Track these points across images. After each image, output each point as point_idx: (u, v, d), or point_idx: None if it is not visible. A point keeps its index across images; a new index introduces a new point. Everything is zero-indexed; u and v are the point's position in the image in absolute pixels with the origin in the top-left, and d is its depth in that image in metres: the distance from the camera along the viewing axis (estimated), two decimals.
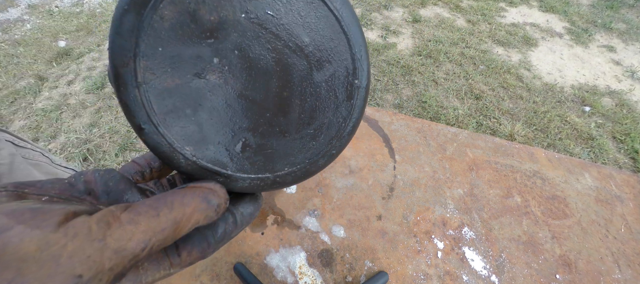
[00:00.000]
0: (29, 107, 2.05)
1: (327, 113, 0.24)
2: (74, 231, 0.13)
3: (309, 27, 0.22)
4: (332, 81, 0.24)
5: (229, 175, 0.22)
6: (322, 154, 0.25)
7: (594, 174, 0.56)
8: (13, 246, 0.12)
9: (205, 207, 0.17)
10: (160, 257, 0.18)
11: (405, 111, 1.95)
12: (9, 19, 3.01)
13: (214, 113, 0.21)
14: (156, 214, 0.15)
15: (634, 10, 3.07)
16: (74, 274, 0.13)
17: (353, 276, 0.43)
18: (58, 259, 0.13)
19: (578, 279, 0.44)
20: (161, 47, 0.20)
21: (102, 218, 0.14)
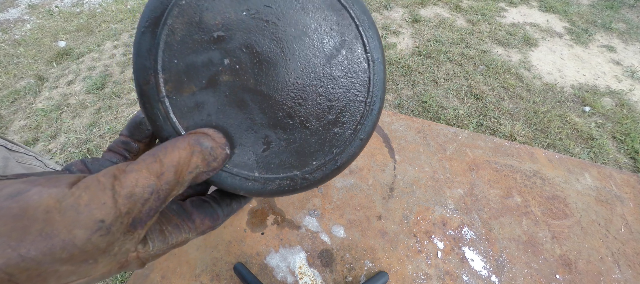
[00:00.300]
0: (29, 107, 2.05)
1: (345, 94, 0.24)
2: (85, 185, 0.15)
3: (307, 10, 0.23)
4: (343, 60, 0.23)
5: (256, 177, 0.22)
6: (349, 141, 0.24)
7: (594, 174, 0.56)
8: (35, 202, 0.13)
9: (199, 149, 0.18)
10: (180, 222, 0.19)
11: (405, 111, 1.95)
12: (9, 19, 3.01)
13: (232, 114, 0.22)
14: (154, 160, 0.16)
15: (634, 10, 3.07)
16: (95, 219, 0.14)
17: (353, 276, 0.43)
18: (77, 207, 0.14)
19: (578, 279, 0.44)
20: (176, 60, 0.21)
21: (107, 172, 0.15)
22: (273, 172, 0.23)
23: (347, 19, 0.24)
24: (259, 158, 0.22)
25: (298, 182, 0.23)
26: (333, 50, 0.23)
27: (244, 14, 0.22)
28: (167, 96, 0.21)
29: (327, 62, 0.23)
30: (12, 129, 1.92)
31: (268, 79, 0.22)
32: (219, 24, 0.21)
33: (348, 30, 0.24)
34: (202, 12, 0.21)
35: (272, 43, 0.22)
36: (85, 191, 0.14)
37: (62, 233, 0.13)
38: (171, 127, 0.21)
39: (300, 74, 0.23)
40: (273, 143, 0.23)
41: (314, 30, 0.23)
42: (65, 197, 0.14)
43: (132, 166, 0.16)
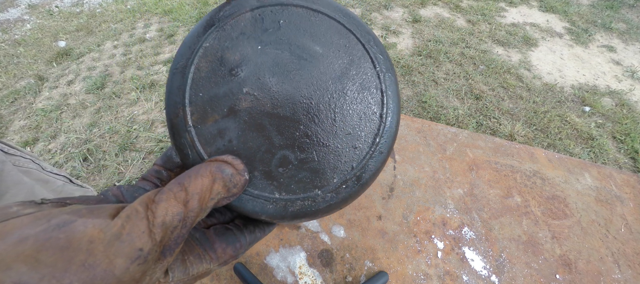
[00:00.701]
0: (29, 107, 2.05)
1: (360, 109, 0.25)
2: (126, 214, 0.16)
3: (316, 37, 0.25)
4: (353, 77, 0.25)
5: (277, 199, 0.23)
6: (369, 155, 0.24)
7: (594, 174, 0.56)
8: (80, 233, 0.14)
9: (221, 177, 0.19)
10: (201, 253, 0.20)
11: (405, 111, 1.95)
12: (9, 19, 3.01)
13: (252, 138, 0.23)
14: (180, 188, 0.17)
15: (634, 10, 3.07)
16: (135, 248, 0.15)
17: (353, 276, 0.43)
18: (120, 237, 0.15)
19: (578, 279, 0.44)
20: (201, 93, 0.23)
21: (141, 201, 0.16)
22: (294, 193, 0.23)
23: (353, 40, 0.26)
24: (279, 179, 0.23)
25: (319, 201, 0.23)
26: (343, 68, 0.25)
27: (259, 48, 0.25)
28: (193, 126, 0.23)
29: (338, 80, 0.25)
30: (12, 129, 1.92)
31: (283, 102, 0.24)
32: (238, 59, 0.24)
33: (355, 50, 0.26)
34: (223, 51, 0.24)
35: (284, 70, 0.24)
36: (127, 221, 0.15)
37: (104, 263, 0.14)
38: (196, 154, 0.22)
39: (313, 95, 0.24)
40: (292, 163, 0.23)
41: (323, 54, 0.25)
42: (109, 227, 0.15)
43: (161, 195, 0.17)
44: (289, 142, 0.24)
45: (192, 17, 2.81)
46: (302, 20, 0.26)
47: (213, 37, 0.24)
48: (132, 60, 2.40)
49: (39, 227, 0.14)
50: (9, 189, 0.48)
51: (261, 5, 0.26)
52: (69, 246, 0.14)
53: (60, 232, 0.14)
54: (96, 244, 0.14)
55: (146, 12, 3.03)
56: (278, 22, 0.26)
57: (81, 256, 0.14)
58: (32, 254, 0.13)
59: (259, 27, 0.25)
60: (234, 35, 0.25)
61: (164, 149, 1.71)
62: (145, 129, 1.84)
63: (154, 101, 2.01)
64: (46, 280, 0.13)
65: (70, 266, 0.13)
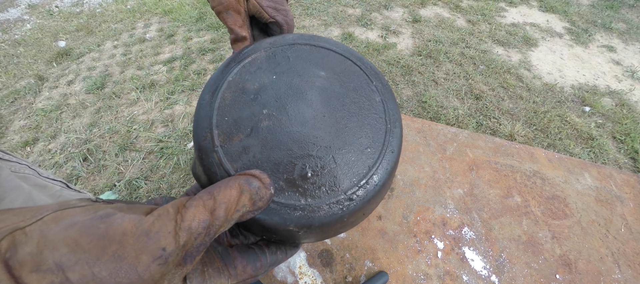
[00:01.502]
0: (29, 107, 2.05)
1: (367, 116, 0.29)
2: (157, 213, 0.17)
3: (320, 65, 0.31)
4: (357, 89, 0.30)
5: (303, 206, 0.24)
6: (382, 155, 0.28)
7: (594, 174, 0.56)
8: (117, 225, 0.16)
9: (248, 189, 0.20)
10: (221, 267, 0.21)
11: (405, 111, 1.95)
12: (9, 19, 3.01)
13: (274, 152, 0.26)
14: (209, 197, 0.18)
15: (634, 10, 3.07)
16: (160, 246, 0.16)
17: (353, 276, 0.43)
18: (148, 234, 0.16)
19: (578, 279, 0.44)
20: (226, 117, 0.27)
21: (174, 204, 0.18)
22: (319, 198, 0.25)
23: (350, 64, 0.32)
24: (304, 186, 0.25)
25: (344, 203, 0.25)
26: (345, 85, 0.30)
27: (274, 78, 0.29)
28: (220, 146, 0.25)
29: (345, 95, 0.30)
30: (12, 129, 1.92)
31: (299, 118, 0.28)
32: (257, 87, 0.28)
33: (352, 70, 0.32)
34: (244, 82, 0.29)
35: (297, 91, 0.29)
36: (158, 219, 0.17)
37: (131, 256, 0.15)
38: (224, 170, 0.24)
39: (324, 109, 0.29)
40: (314, 170, 0.26)
41: (326, 77, 0.30)
42: (142, 222, 0.16)
43: (191, 201, 0.18)
44: (308, 152, 0.26)
45: (192, 17, 2.81)
46: (307, 54, 0.32)
47: (235, 73, 0.29)
48: (132, 60, 2.40)
49: (87, 216, 0.16)
50: (7, 194, 0.48)
51: (273, 46, 0.31)
52: (106, 235, 0.15)
53: (102, 222, 0.16)
54: (128, 237, 0.15)
55: (146, 12, 3.02)
56: (288, 57, 0.31)
57: (113, 247, 0.15)
58: (75, 238, 0.15)
59: (273, 62, 0.30)
60: (252, 70, 0.30)
61: (164, 149, 1.71)
62: (145, 129, 1.84)
63: (154, 101, 2.01)
64: (80, 264, 0.14)
65: (102, 254, 0.15)
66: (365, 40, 2.49)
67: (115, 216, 0.16)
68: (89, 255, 0.15)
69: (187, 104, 1.98)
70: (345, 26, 2.68)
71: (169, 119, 1.90)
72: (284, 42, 0.32)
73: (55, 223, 0.15)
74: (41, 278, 0.13)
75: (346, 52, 0.33)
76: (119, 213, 0.16)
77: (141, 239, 0.16)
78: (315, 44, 0.33)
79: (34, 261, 0.14)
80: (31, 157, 1.73)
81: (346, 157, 0.27)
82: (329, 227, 0.26)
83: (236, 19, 0.34)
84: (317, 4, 2.96)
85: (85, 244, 0.15)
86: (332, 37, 2.54)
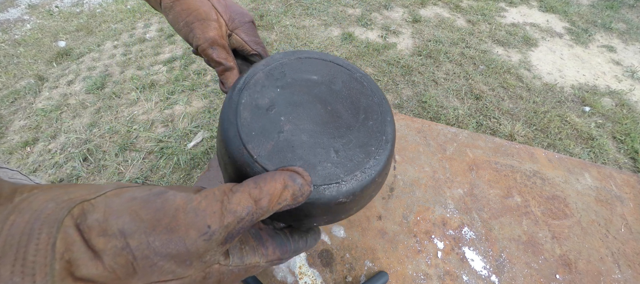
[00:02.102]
0: (29, 107, 2.05)
1: (361, 100, 0.37)
2: (205, 194, 0.19)
3: (309, 71, 0.38)
4: (347, 86, 0.38)
5: (344, 179, 0.30)
6: (384, 124, 0.36)
7: (594, 174, 0.56)
8: (171, 201, 0.18)
9: (291, 184, 0.21)
10: (255, 245, 0.23)
11: (405, 111, 1.94)
12: (9, 19, 3.01)
13: (305, 146, 0.31)
14: (255, 186, 0.20)
15: (634, 10, 3.07)
16: (206, 223, 0.17)
17: (353, 276, 0.43)
18: (197, 210, 0.18)
19: (578, 279, 0.44)
20: (253, 132, 0.31)
21: (220, 188, 0.19)
22: (352, 171, 0.31)
23: (332, 65, 0.40)
24: (337, 164, 0.31)
25: (371, 170, 0.32)
26: (336, 79, 0.38)
27: (278, 90, 0.35)
28: (259, 156, 0.30)
29: (339, 89, 0.37)
30: (12, 129, 1.92)
31: (312, 114, 0.34)
32: (268, 101, 0.34)
33: (336, 69, 0.39)
34: (256, 100, 0.34)
35: (301, 95, 0.35)
36: (205, 199, 0.18)
37: (181, 230, 0.17)
38: None
39: (326, 100, 0.36)
40: (340, 149, 0.32)
41: (317, 79, 0.37)
42: (191, 200, 0.18)
43: (238, 187, 0.19)
44: (331, 136, 0.33)
45: None
46: (298, 66, 0.38)
47: (245, 95, 0.34)
48: (132, 61, 2.40)
49: (144, 192, 0.18)
50: None
51: (267, 66, 0.37)
52: (161, 209, 0.17)
53: (158, 197, 0.18)
54: (180, 212, 0.17)
55: (146, 12, 3.02)
56: (283, 72, 0.37)
57: (167, 220, 0.17)
58: (136, 209, 0.17)
59: (272, 79, 0.36)
60: (258, 89, 0.35)
61: (164, 149, 1.71)
62: (145, 129, 1.84)
63: (154, 101, 2.01)
64: (138, 232, 0.16)
65: (158, 225, 0.16)
66: (365, 40, 2.49)
67: (168, 193, 0.18)
68: (147, 225, 0.16)
69: (187, 104, 1.98)
70: (345, 26, 2.68)
71: (169, 119, 1.90)
72: (275, 61, 0.38)
73: (117, 196, 0.17)
74: (107, 241, 0.15)
75: (327, 57, 0.41)
76: (171, 191, 0.18)
77: (190, 215, 0.17)
78: (301, 56, 0.40)
79: (101, 227, 0.15)
80: (31, 157, 1.73)
81: (359, 132, 0.34)
82: (367, 191, 0.32)
83: (221, 52, 0.38)
84: (317, 4, 2.96)
85: (144, 215, 0.16)
86: (332, 37, 2.54)
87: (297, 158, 0.31)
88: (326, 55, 0.41)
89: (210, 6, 0.38)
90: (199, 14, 0.37)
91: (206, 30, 0.37)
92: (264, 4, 3.00)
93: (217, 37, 0.38)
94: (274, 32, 2.60)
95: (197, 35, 0.37)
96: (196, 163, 1.63)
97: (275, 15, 2.79)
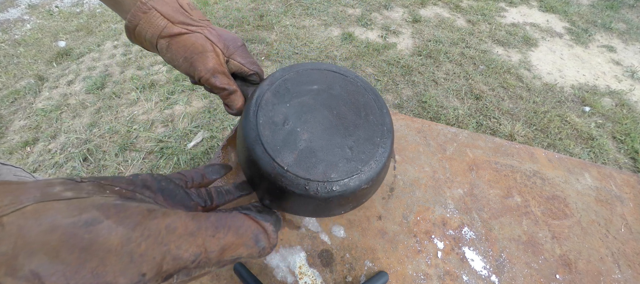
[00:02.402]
0: (29, 107, 2.05)
1: (360, 99, 0.43)
2: (148, 232, 0.16)
3: (308, 82, 0.44)
4: (344, 89, 0.44)
5: (364, 170, 0.37)
6: (383, 116, 0.42)
7: (594, 174, 0.56)
8: (103, 238, 0.15)
9: (252, 245, 0.20)
10: None
11: (405, 111, 1.94)
12: (9, 19, 3.01)
13: (321, 148, 0.38)
14: (213, 234, 0.18)
15: (634, 10, 3.07)
16: (140, 272, 0.15)
17: (353, 276, 0.43)
18: (132, 255, 0.15)
19: (578, 279, 0.44)
20: (278, 146, 0.37)
21: (171, 223, 0.17)
22: (367, 162, 0.38)
23: (327, 72, 0.45)
24: (354, 159, 0.38)
25: (381, 157, 0.39)
26: (335, 84, 0.44)
27: (288, 105, 0.40)
28: (288, 166, 0.35)
29: (338, 93, 0.43)
30: (12, 129, 1.92)
31: (322, 119, 0.40)
32: (282, 117, 0.39)
33: (331, 75, 0.45)
34: (271, 118, 0.39)
35: (309, 106, 0.41)
36: (146, 241, 0.16)
37: (109, 276, 0.14)
38: (301, 178, 0.36)
39: (331, 104, 0.42)
40: (353, 145, 0.39)
41: (318, 88, 0.43)
42: (129, 241, 0.15)
43: (193, 228, 0.17)
44: (341, 138, 0.39)
45: None
46: (298, 79, 0.43)
47: (261, 115, 0.39)
48: (132, 61, 2.40)
49: (70, 218, 0.15)
50: None
51: (271, 85, 0.42)
52: (88, 249, 0.14)
53: (86, 231, 0.15)
54: (111, 255, 0.15)
55: None
56: (287, 88, 0.42)
57: (94, 263, 0.14)
58: (56, 246, 0.14)
59: (279, 96, 0.41)
60: (270, 107, 0.40)
61: (164, 149, 1.71)
62: (145, 129, 1.84)
63: (154, 101, 2.01)
64: (56, 276, 0.13)
65: (82, 269, 0.14)
66: (365, 40, 2.49)
67: (101, 226, 0.15)
68: (68, 268, 0.14)
69: (187, 104, 1.98)
70: (345, 26, 2.68)
71: (169, 119, 1.90)
72: (277, 79, 0.43)
73: (35, 218, 0.14)
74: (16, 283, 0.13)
75: (322, 66, 0.46)
76: (106, 221, 0.15)
77: (124, 260, 0.15)
78: (299, 70, 0.45)
79: (9, 264, 0.13)
80: (31, 157, 1.73)
81: (363, 129, 0.40)
82: (381, 175, 0.40)
83: (223, 79, 0.41)
84: (317, 4, 2.96)
85: (66, 255, 0.14)
86: (332, 37, 2.54)
87: (320, 161, 0.36)
88: (320, 64, 0.46)
89: (204, 39, 0.40)
90: (196, 48, 0.39)
91: (206, 62, 0.39)
92: (264, 4, 2.99)
93: (217, 65, 0.40)
94: (274, 32, 2.60)
95: (198, 68, 0.39)
96: (196, 163, 1.63)
97: (275, 15, 2.79)
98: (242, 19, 2.75)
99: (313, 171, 0.36)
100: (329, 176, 0.36)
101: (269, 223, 0.21)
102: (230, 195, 0.31)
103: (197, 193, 0.26)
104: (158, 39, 0.38)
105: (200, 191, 0.27)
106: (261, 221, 0.21)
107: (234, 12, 2.86)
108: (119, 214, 0.16)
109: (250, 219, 0.20)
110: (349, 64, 2.26)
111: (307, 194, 0.36)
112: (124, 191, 0.19)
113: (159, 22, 0.37)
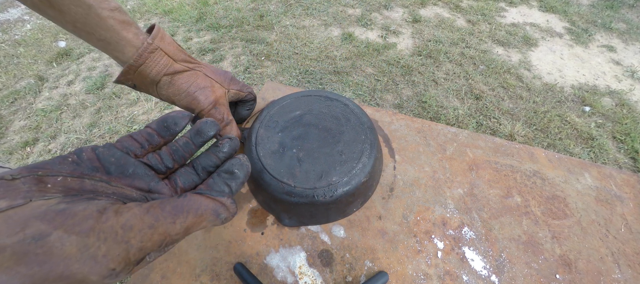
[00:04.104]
0: (29, 108, 2.05)
1: (336, 110, 0.52)
2: (104, 235, 0.16)
3: (293, 110, 0.52)
4: (321, 106, 0.52)
5: (353, 174, 0.44)
6: (364, 125, 0.49)
7: (594, 174, 0.56)
8: (58, 250, 0.14)
9: (214, 219, 0.20)
10: None
11: (405, 111, 1.94)
12: (9, 19, 3.01)
13: (321, 161, 0.45)
14: (173, 221, 0.18)
15: (634, 10, 3.07)
16: (109, 268, 0.15)
17: (353, 276, 0.43)
18: (95, 258, 0.15)
19: (578, 279, 0.44)
20: (281, 169, 0.44)
21: (126, 222, 0.16)
22: (359, 158, 0.45)
23: (310, 97, 0.54)
24: (348, 160, 0.45)
25: (371, 150, 0.47)
26: (316, 106, 0.52)
27: (280, 134, 0.48)
28: (296, 184, 0.43)
29: (324, 114, 0.51)
30: (12, 129, 1.92)
31: (312, 137, 0.47)
32: (277, 145, 0.47)
33: (313, 99, 0.54)
34: (269, 149, 0.46)
35: (298, 131, 0.48)
36: (104, 243, 0.15)
37: (80, 274, 0.15)
38: (309, 191, 0.43)
39: (318, 122, 0.50)
40: (343, 150, 0.46)
41: (301, 113, 0.51)
42: (87, 248, 0.15)
43: (152, 220, 0.17)
44: (333, 146, 0.46)
45: (192, 17, 2.81)
46: (280, 112, 0.51)
47: (260, 149, 0.46)
48: None
49: (14, 237, 0.13)
50: None
51: (262, 122, 0.50)
52: (47, 262, 0.14)
53: (38, 247, 0.14)
54: (73, 261, 0.14)
55: (146, 12, 3.02)
56: (275, 121, 0.50)
57: (59, 269, 0.14)
58: (11, 265, 0.13)
59: (269, 129, 0.49)
60: (266, 141, 0.47)
61: None
62: None
63: (154, 101, 2.01)
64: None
65: (49, 274, 0.14)
66: (365, 41, 2.49)
67: (51, 238, 0.14)
68: (32, 278, 0.13)
69: None
70: (345, 26, 2.68)
71: None
72: (264, 116, 0.51)
73: None
74: None
75: (298, 94, 0.54)
76: (54, 233, 0.14)
77: (88, 263, 0.15)
78: (280, 104, 0.53)
79: None
80: (31, 157, 1.73)
81: (350, 139, 0.47)
82: (377, 165, 0.47)
83: (222, 109, 0.45)
84: (317, 4, 2.96)
85: (25, 270, 0.13)
86: (332, 37, 2.54)
87: (319, 170, 0.43)
88: (296, 93, 0.54)
89: (204, 76, 0.44)
90: (199, 84, 0.43)
91: (208, 95, 0.44)
92: (264, 4, 2.99)
93: (219, 97, 0.45)
94: (274, 33, 2.60)
95: (201, 101, 0.43)
96: None
97: (275, 15, 2.79)
98: (242, 19, 2.75)
99: (316, 181, 0.42)
100: (330, 180, 0.42)
101: (225, 196, 0.21)
102: (189, 147, 0.25)
103: (153, 159, 0.24)
104: (162, 76, 0.41)
105: (155, 155, 0.24)
106: (218, 197, 0.21)
107: (234, 12, 2.86)
108: (67, 221, 0.15)
109: (207, 198, 0.20)
110: (349, 64, 2.26)
111: (317, 202, 0.42)
112: (69, 181, 0.17)
113: (164, 61, 0.41)
